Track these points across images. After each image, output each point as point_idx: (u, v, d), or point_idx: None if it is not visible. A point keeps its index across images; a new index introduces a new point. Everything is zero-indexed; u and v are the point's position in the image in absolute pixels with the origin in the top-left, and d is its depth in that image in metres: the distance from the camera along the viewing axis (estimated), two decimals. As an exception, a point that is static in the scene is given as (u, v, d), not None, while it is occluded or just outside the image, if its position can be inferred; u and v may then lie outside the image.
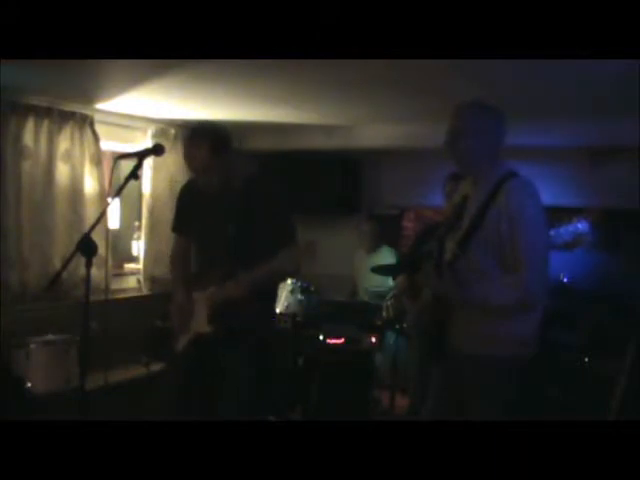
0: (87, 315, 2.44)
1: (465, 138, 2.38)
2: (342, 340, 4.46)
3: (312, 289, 4.82)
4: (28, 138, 4.06)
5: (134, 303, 4.79)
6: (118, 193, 2.60)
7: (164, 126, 4.99)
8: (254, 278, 2.72)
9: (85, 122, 4.33)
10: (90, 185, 4.42)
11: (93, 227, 2.45)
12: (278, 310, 4.65)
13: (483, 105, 2.43)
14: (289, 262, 2.80)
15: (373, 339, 4.47)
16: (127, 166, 2.63)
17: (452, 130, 2.42)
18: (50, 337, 3.81)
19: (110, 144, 4.71)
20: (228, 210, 2.79)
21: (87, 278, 2.37)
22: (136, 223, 5.16)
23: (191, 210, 2.97)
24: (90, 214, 4.35)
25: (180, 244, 3.08)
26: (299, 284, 4.76)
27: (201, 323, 2.81)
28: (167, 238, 4.02)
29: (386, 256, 5.04)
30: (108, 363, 3.70)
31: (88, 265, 2.37)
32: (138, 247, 5.11)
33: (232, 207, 2.78)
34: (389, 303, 4.11)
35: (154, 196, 4.97)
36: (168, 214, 4.03)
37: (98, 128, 4.42)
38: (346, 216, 5.79)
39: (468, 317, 2.39)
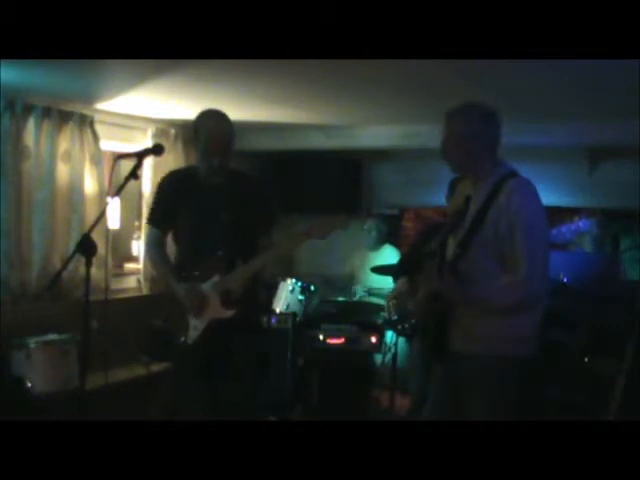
0: (87, 315, 2.44)
1: (459, 144, 2.38)
2: (342, 340, 4.46)
3: (312, 289, 4.82)
4: (28, 138, 4.06)
5: (134, 303, 4.78)
6: (118, 193, 2.60)
7: (164, 126, 4.99)
8: (253, 268, 2.87)
9: (85, 122, 4.32)
10: (90, 185, 4.42)
11: (93, 227, 2.46)
12: (278, 310, 4.65)
13: (473, 107, 2.41)
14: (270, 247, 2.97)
15: (373, 339, 4.46)
16: (127, 166, 2.63)
17: (446, 137, 2.43)
18: (50, 337, 3.80)
19: (110, 144, 4.71)
20: (223, 197, 2.90)
21: (87, 278, 2.37)
22: (136, 223, 5.16)
23: (177, 201, 2.98)
24: (90, 214, 4.34)
25: (155, 235, 3.09)
26: (299, 284, 4.76)
27: (218, 309, 2.91)
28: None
29: (389, 255, 5.03)
30: (108, 363, 3.70)
31: (88, 265, 2.37)
32: (138, 247, 5.11)
33: (228, 194, 2.91)
34: (390, 303, 4.10)
35: (154, 196, 4.96)
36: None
37: (98, 128, 4.42)
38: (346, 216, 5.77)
39: (468, 317, 2.39)
